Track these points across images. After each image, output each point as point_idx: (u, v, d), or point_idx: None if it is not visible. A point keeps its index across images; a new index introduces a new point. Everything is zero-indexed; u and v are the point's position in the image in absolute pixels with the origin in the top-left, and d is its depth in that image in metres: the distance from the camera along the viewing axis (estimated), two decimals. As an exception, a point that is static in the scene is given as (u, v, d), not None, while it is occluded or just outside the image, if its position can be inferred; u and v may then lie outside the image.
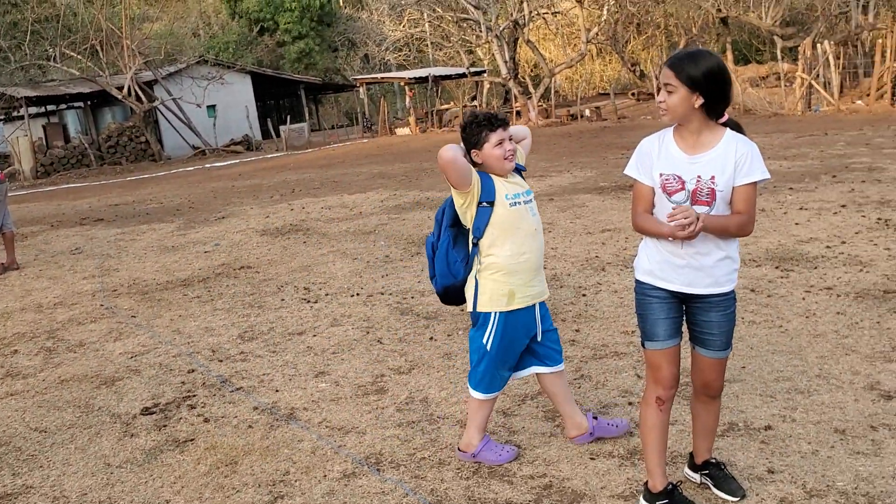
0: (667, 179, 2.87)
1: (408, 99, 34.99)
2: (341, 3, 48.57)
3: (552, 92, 31.23)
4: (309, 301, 6.94)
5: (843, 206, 8.72)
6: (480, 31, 32.25)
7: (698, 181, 2.81)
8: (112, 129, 31.14)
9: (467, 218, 3.43)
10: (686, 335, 3.10)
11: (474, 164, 3.46)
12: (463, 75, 34.79)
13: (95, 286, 8.39)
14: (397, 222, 10.61)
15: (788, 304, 5.56)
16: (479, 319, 3.52)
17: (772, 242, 7.40)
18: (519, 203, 3.44)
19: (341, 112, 47.57)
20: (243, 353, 5.65)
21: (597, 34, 31.79)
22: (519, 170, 3.57)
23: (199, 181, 20.51)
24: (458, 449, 3.70)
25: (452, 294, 3.58)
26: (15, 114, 33.88)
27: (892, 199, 8.83)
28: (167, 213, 13.91)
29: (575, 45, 35.78)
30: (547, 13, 31.55)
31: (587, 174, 13.46)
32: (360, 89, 37.89)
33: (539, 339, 3.59)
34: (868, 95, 22.01)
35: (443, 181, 14.36)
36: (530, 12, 29.64)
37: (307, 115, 40.89)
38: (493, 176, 3.44)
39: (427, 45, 41.02)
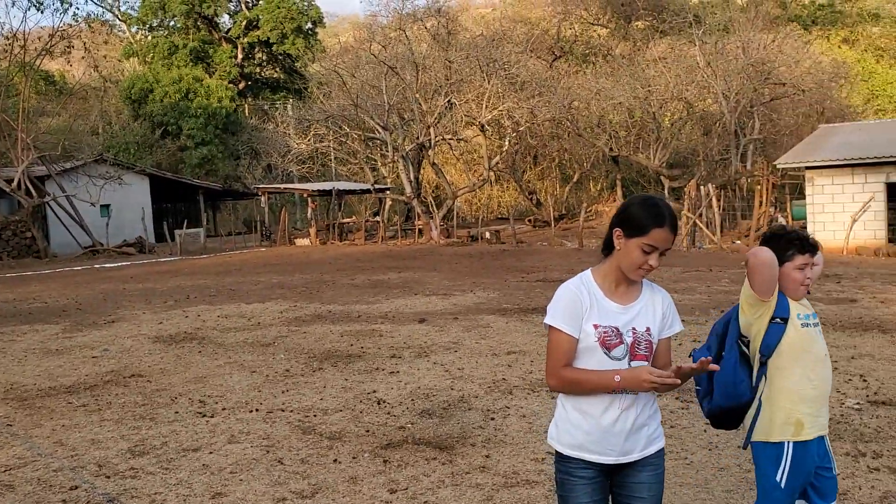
0: (606, 332, 2.61)
1: (310, 210, 35.06)
2: (247, 114, 48.96)
3: (454, 213, 32.00)
4: (205, 415, 6.61)
5: (734, 340, 9.10)
6: (386, 151, 33.01)
7: (634, 333, 2.64)
8: (-5, 221, 29.69)
9: (753, 333, 3.12)
10: None
11: None
12: (367, 191, 35.28)
13: (-34, 390, 7.74)
14: (298, 335, 10.38)
15: (691, 435, 5.67)
16: (765, 451, 3.12)
17: (670, 373, 7.60)
18: (809, 325, 3.12)
19: (239, 219, 47.08)
20: (133, 469, 5.27)
21: (497, 162, 33.08)
22: None
23: (87, 282, 19.63)
24: None
25: (731, 417, 3.21)
26: None
27: (777, 335, 9.28)
28: (52, 314, 13.16)
29: (476, 170, 37.09)
30: (451, 139, 32.69)
31: (490, 295, 13.66)
32: (262, 198, 37.77)
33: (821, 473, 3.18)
34: (747, 236, 23.55)
35: (348, 294, 14.26)
36: (436, 137, 30.64)
37: (204, 220, 40.28)
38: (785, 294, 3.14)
39: (331, 160, 41.56)
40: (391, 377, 7.76)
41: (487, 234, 29.01)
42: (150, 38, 52.71)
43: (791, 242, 3.09)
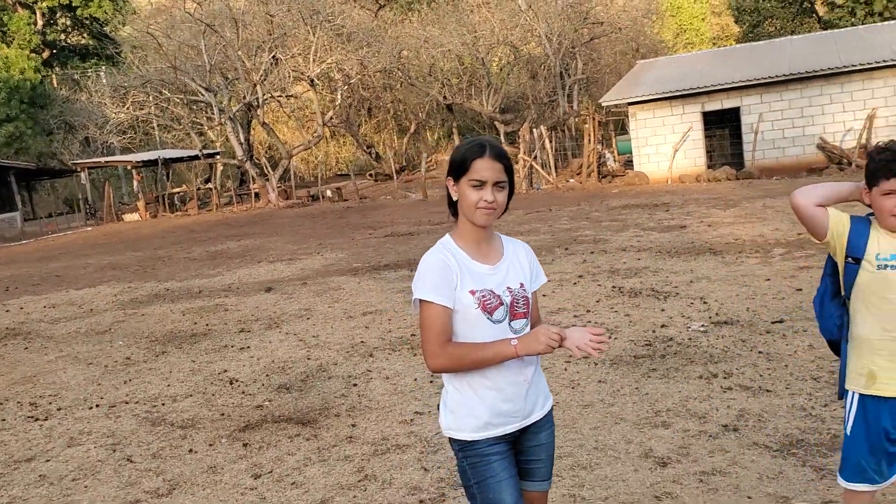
0: (485, 297, 2.42)
1: (135, 183, 33.03)
2: (56, 85, 45.21)
3: (291, 173, 31.12)
4: (37, 419, 6.00)
5: (581, 276, 9.34)
6: (212, 113, 31.50)
7: (511, 292, 2.47)
8: None
9: (839, 269, 2.83)
10: None
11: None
12: (196, 157, 33.65)
13: None
14: (136, 318, 9.70)
15: (553, 375, 5.71)
16: (845, 397, 2.88)
17: (525, 316, 7.67)
18: (891, 267, 2.69)
19: (59, 199, 43.73)
20: (-45, 494, 4.68)
21: (331, 117, 32.36)
22: None
23: None
24: None
25: (835, 350, 2.95)
26: None
27: (620, 267, 9.62)
28: None
29: (310, 127, 36.18)
30: (280, 96, 31.60)
31: (338, 255, 13.34)
32: (82, 174, 35.20)
33: None
34: (579, 174, 24.35)
35: (186, 269, 13.52)
36: (263, 95, 29.50)
37: (20, 203, 37.09)
38: (876, 227, 2.74)
39: (154, 128, 39.26)
40: (242, 353, 7.38)
41: (329, 193, 28.43)
42: (-71, 6, 47.26)
43: (877, 165, 2.67)
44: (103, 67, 45.48)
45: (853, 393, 2.81)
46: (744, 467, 3.94)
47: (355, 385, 5.99)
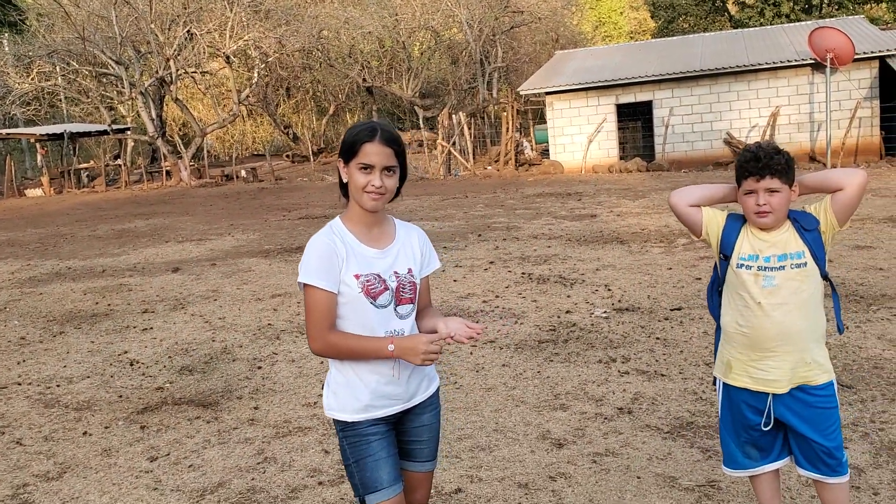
0: (368, 281, 2.43)
1: (39, 157, 31.65)
2: (-48, 50, 42.81)
3: (204, 152, 30.37)
4: (-80, 401, 5.72)
5: (492, 262, 9.45)
6: (123, 87, 30.43)
7: (397, 277, 2.49)
8: None
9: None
10: None
11: None
12: (105, 132, 32.44)
13: None
14: (33, 297, 9.33)
15: (459, 359, 5.78)
16: (715, 381, 3.03)
17: (434, 299, 7.72)
18: (747, 267, 2.78)
19: (-45, 171, 41.52)
20: None
21: (248, 96, 31.71)
22: (807, 227, 2.78)
23: None
24: None
25: None
26: None
27: (531, 255, 9.78)
28: None
29: (225, 104, 35.36)
30: (195, 72, 30.74)
31: (250, 237, 13.12)
32: (-20, 146, 33.51)
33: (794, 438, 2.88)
34: (497, 161, 24.57)
35: (90, 247, 13.07)
36: (177, 70, 28.65)
37: None
38: (746, 227, 2.82)
39: (60, 100, 37.68)
40: (144, 334, 7.20)
41: (243, 173, 27.89)
42: None
43: (741, 166, 2.77)
44: (6, 35, 43.31)
45: (718, 380, 2.98)
46: (635, 448, 4.09)
47: (260, 367, 5.93)
